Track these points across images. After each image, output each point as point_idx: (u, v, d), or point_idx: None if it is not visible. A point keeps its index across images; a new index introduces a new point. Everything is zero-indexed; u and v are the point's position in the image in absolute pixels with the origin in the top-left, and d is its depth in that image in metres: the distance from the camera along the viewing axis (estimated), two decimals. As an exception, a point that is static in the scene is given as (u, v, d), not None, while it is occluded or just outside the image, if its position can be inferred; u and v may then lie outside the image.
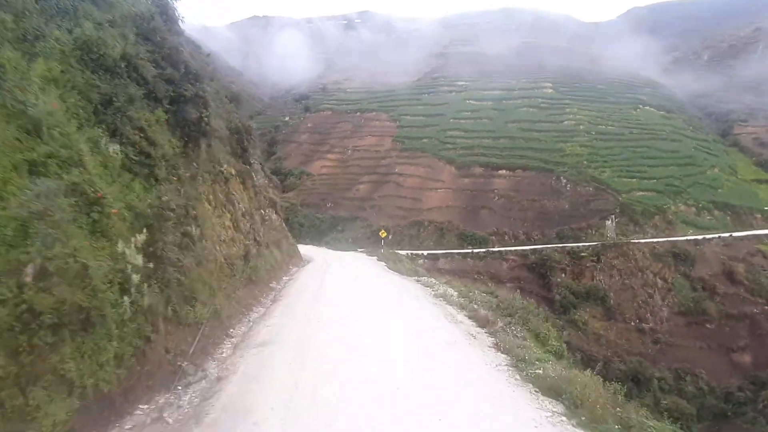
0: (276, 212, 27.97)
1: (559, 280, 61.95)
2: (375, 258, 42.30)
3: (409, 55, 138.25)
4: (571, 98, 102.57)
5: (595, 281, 62.40)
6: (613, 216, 72.22)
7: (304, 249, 41.26)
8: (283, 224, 33.02)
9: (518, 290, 62.15)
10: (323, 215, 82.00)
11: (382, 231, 39.09)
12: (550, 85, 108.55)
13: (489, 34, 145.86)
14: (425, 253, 64.91)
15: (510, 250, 65.14)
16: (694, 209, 76.52)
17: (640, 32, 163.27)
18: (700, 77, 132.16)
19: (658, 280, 63.87)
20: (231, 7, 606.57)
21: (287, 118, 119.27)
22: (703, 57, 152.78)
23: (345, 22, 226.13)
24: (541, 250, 64.69)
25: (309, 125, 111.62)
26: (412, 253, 64.10)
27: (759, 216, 77.80)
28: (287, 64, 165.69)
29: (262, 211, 24.62)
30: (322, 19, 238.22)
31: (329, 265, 32.50)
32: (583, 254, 64.58)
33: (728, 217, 76.79)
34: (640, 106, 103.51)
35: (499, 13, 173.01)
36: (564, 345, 19.55)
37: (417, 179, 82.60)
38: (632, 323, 59.77)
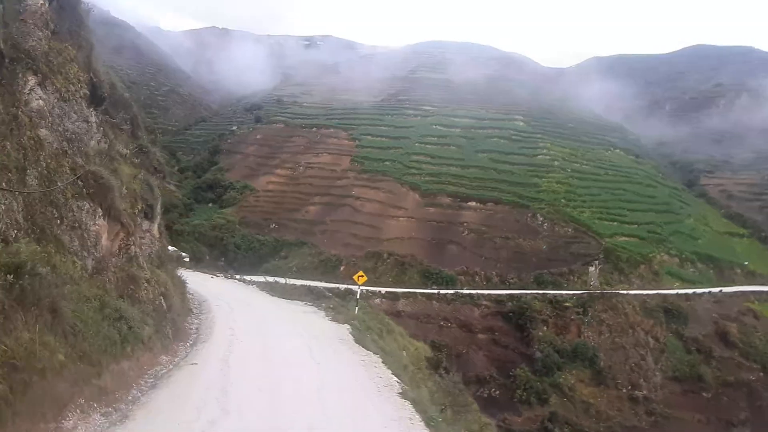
0: (151, 220, 17.03)
1: (540, 333, 53.36)
2: (344, 329, 20.19)
3: (372, 75, 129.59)
4: (543, 133, 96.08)
5: (582, 338, 53.87)
6: (596, 262, 64.46)
7: (215, 288, 30.27)
8: (165, 244, 22.30)
9: (492, 343, 54.15)
10: (265, 237, 71.14)
11: (360, 274, 22.82)
12: (521, 117, 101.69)
13: (457, 63, 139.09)
14: (383, 290, 54.79)
15: (483, 294, 55.88)
16: (677, 259, 70.71)
17: (601, 80, 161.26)
18: (663, 127, 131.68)
19: (650, 339, 56.98)
20: (191, 18, 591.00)
21: (234, 127, 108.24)
22: (665, 107, 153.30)
23: (307, 42, 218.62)
24: (519, 296, 55.88)
25: (258, 137, 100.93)
26: (366, 290, 54.07)
27: (739, 271, 73.04)
28: (242, 73, 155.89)
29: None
30: (284, 37, 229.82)
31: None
32: (567, 304, 56.40)
33: (711, 271, 71.60)
34: (611, 149, 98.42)
35: (465, 46, 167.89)
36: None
37: (376, 204, 73.02)
38: (624, 390, 51.84)
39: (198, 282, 28.11)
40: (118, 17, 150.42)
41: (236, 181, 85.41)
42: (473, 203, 71.88)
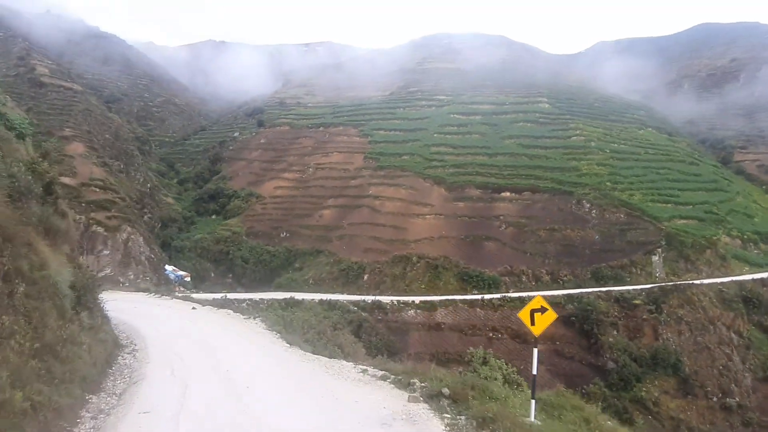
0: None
1: (611, 339, 44.55)
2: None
3: (378, 70, 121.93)
4: (571, 114, 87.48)
5: (660, 340, 45.11)
6: (659, 250, 55.79)
7: (181, 344, 17.63)
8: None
9: (555, 355, 45.52)
10: (275, 248, 63.21)
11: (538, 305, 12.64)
12: (545, 99, 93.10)
13: (466, 52, 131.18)
14: (416, 300, 46.43)
15: (534, 296, 46.88)
16: (738, 241, 62.17)
17: (616, 62, 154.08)
18: (686, 105, 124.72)
19: (733, 335, 48.20)
20: (188, 32, 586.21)
21: (236, 134, 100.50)
22: (683, 86, 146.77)
23: (305, 48, 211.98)
24: (578, 296, 47.07)
25: (262, 141, 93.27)
26: (397, 301, 45.88)
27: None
28: (241, 81, 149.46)
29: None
30: (281, 45, 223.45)
31: None
32: (636, 302, 47.57)
33: (774, 251, 63.16)
34: (643, 127, 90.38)
35: (472, 36, 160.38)
36: None
37: (398, 203, 64.81)
38: (714, 398, 43.21)
39: (161, 324, 20.87)
40: (107, 32, 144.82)
41: (240, 189, 77.84)
42: (507, 194, 63.66)
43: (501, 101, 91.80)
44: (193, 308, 25.00)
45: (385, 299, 46.36)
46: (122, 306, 23.83)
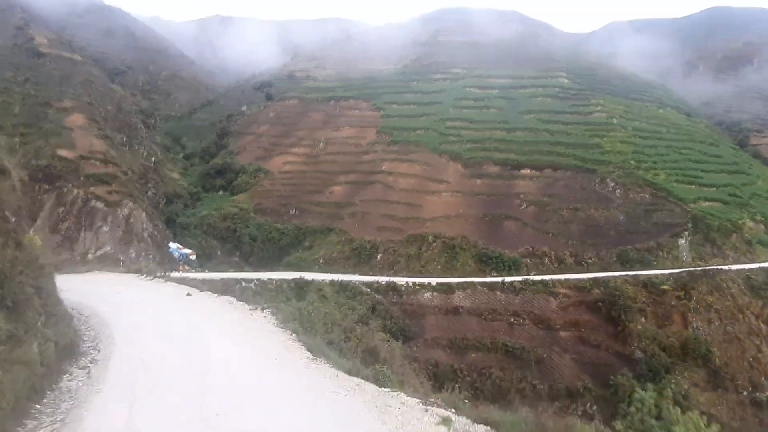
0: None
1: (639, 327, 41.65)
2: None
3: (390, 43, 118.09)
4: (591, 90, 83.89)
5: (691, 329, 42.32)
6: (686, 233, 52.92)
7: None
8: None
9: (580, 343, 42.90)
10: (285, 225, 60.56)
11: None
12: (564, 74, 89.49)
13: (481, 25, 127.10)
14: (433, 281, 43.87)
15: (558, 279, 44.42)
16: (762, 226, 59.26)
17: (631, 42, 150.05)
18: (701, 87, 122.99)
19: (762, 325, 44.87)
20: (195, 7, 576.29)
21: (244, 108, 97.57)
22: (698, 68, 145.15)
23: (315, 23, 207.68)
24: (604, 279, 44.25)
25: (271, 115, 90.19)
26: (413, 283, 43.39)
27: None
28: (249, 55, 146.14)
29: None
30: (290, 21, 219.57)
31: None
32: (664, 287, 44.61)
33: (800, 238, 60.40)
34: (663, 107, 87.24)
35: (486, 11, 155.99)
36: None
37: (412, 179, 61.95)
38: (744, 392, 39.97)
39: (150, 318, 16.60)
40: (111, 5, 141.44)
41: (248, 165, 74.94)
42: (527, 171, 60.62)
43: (519, 75, 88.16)
44: (188, 294, 20.74)
45: (400, 280, 43.87)
46: (103, 291, 20.98)
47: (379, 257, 51.50)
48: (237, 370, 10.84)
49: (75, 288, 18.63)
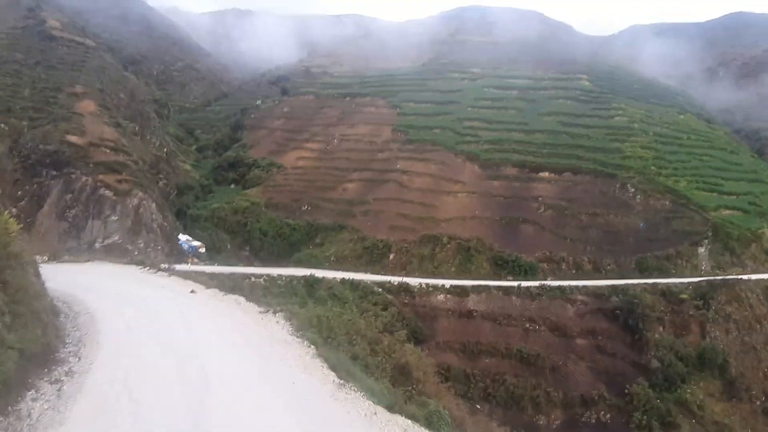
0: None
1: (657, 336, 40.43)
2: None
3: (408, 41, 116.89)
4: (613, 93, 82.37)
5: (708, 339, 41.18)
6: (706, 241, 51.55)
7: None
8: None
9: (596, 351, 41.58)
10: (296, 221, 59.40)
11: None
12: (585, 77, 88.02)
13: (501, 25, 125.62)
14: (447, 284, 42.66)
15: (575, 286, 43.11)
16: None
17: (652, 46, 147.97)
18: (721, 93, 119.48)
19: (775, 335, 43.83)
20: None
21: (259, 101, 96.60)
22: (718, 74, 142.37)
23: (332, 19, 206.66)
24: (623, 287, 42.94)
25: (285, 110, 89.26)
26: (426, 284, 42.29)
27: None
28: (265, 49, 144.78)
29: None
30: (307, 16, 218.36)
31: None
32: (683, 296, 43.44)
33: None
34: (683, 112, 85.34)
35: (506, 10, 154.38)
36: None
37: (427, 179, 60.77)
38: (758, 402, 39.57)
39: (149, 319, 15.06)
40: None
41: (261, 159, 73.83)
42: (546, 174, 59.33)
43: (538, 77, 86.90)
44: (192, 291, 19.14)
45: (413, 281, 42.74)
46: (100, 284, 19.75)
47: (391, 257, 50.34)
48: (243, 400, 8.88)
49: (71, 280, 17.50)
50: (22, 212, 44.91)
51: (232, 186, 70.70)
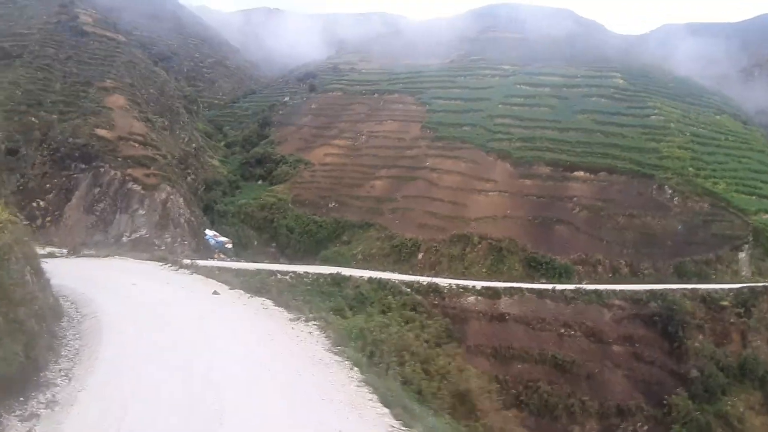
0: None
1: (696, 344, 38.68)
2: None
3: (436, 38, 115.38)
4: (647, 92, 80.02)
5: (750, 348, 39.42)
6: (746, 246, 49.57)
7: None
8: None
9: (633, 359, 40.04)
10: (323, 218, 58.81)
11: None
12: (619, 75, 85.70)
13: (532, 22, 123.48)
14: (477, 285, 41.36)
15: (613, 290, 41.53)
16: None
17: (686, 46, 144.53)
18: (757, 93, 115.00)
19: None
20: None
21: (287, 98, 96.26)
22: (753, 74, 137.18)
23: (360, 17, 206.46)
24: (662, 292, 41.22)
25: (313, 106, 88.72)
26: (455, 285, 41.01)
27: None
28: (293, 47, 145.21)
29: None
30: (335, 14, 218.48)
31: None
32: (723, 303, 41.52)
33: None
34: (720, 113, 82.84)
35: (536, 8, 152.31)
36: None
37: (457, 177, 59.55)
38: None
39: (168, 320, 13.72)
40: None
41: (289, 155, 73.40)
42: (581, 173, 57.67)
43: (571, 74, 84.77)
44: (215, 293, 17.54)
45: (442, 282, 41.45)
46: (115, 282, 18.72)
47: (420, 256, 49.28)
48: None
49: (86, 276, 16.55)
50: (50, 205, 44.93)
51: (260, 182, 70.40)
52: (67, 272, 17.68)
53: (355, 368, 10.04)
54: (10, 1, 77.90)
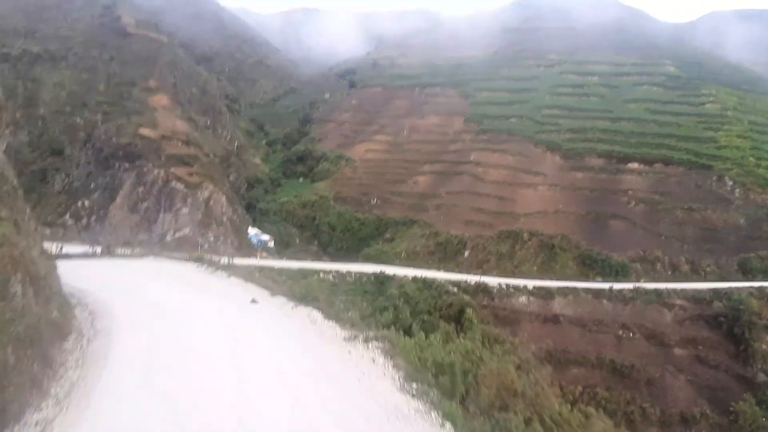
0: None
1: (764, 347, 36.08)
2: None
3: (478, 30, 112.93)
4: (701, 79, 76.25)
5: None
6: (812, 242, 46.37)
7: None
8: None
9: (697, 362, 37.63)
10: (365, 215, 57.62)
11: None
12: (670, 62, 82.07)
13: (576, 10, 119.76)
14: (529, 284, 39.55)
15: (674, 289, 39.14)
16: None
17: (730, 33, 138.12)
18: None
19: None
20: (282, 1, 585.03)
21: (327, 95, 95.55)
22: None
23: (399, 15, 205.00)
24: (726, 291, 38.67)
25: (353, 102, 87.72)
26: (505, 285, 39.33)
27: None
28: (333, 46, 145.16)
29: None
30: (374, 13, 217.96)
31: None
32: (790, 303, 38.70)
33: None
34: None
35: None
36: None
37: (503, 171, 57.64)
38: None
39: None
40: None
41: (330, 152, 72.49)
42: (635, 165, 55.15)
43: (620, 62, 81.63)
44: (253, 301, 15.49)
45: (491, 281, 39.84)
46: (145, 288, 17.49)
47: (466, 254, 47.57)
48: None
49: (114, 281, 15.38)
50: (95, 204, 44.89)
51: (301, 180, 69.64)
52: (96, 276, 16.72)
53: (442, 416, 7.58)
54: (54, 5, 78.94)
